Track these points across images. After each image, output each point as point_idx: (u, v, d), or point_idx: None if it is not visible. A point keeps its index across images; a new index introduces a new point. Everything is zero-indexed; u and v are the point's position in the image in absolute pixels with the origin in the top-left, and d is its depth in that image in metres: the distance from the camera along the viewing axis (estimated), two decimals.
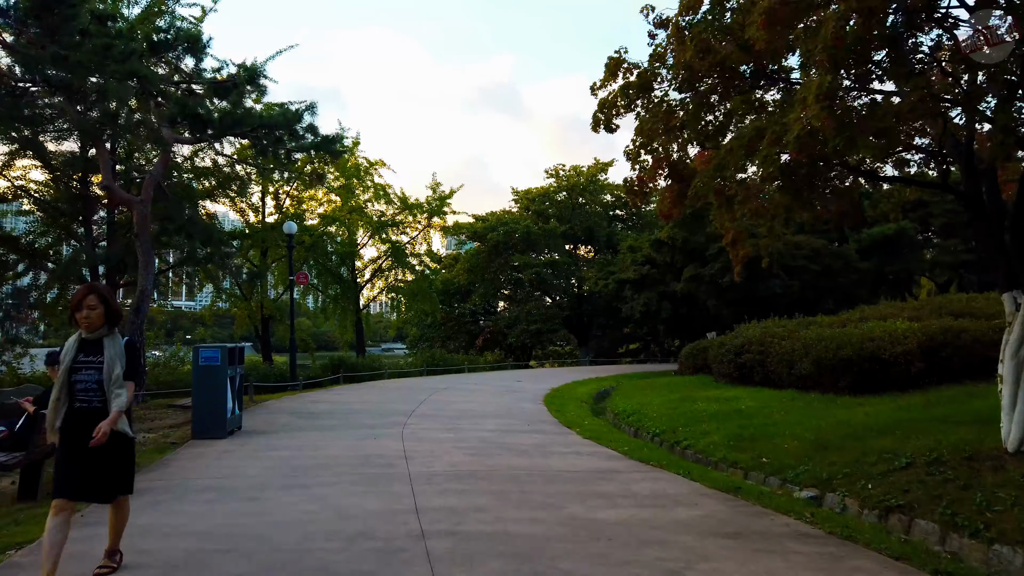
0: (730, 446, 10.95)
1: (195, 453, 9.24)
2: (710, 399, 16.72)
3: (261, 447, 9.79)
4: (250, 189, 26.73)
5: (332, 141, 19.11)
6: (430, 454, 9.30)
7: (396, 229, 33.84)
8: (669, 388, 21.15)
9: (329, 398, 17.68)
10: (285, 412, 14.27)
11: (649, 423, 14.10)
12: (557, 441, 11.08)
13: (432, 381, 25.29)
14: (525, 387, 22.39)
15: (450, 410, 15.09)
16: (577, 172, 47.72)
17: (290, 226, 21.41)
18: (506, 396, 18.93)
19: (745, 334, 21.28)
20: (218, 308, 26.90)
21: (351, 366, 26.45)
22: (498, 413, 14.78)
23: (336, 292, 31.65)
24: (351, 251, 31.87)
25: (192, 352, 10.70)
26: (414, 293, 34.83)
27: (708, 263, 31.11)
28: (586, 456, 9.66)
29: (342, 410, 14.80)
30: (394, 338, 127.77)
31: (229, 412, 10.59)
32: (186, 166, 22.05)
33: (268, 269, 26.63)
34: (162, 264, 22.99)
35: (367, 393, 19.32)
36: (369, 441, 10.39)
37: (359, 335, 33.17)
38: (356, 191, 31.93)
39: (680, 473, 8.67)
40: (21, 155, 20.82)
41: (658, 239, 33.90)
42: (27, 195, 21.54)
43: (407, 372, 30.55)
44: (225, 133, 17.22)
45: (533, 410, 15.83)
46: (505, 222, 43.94)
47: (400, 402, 16.67)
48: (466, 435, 11.29)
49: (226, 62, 18.33)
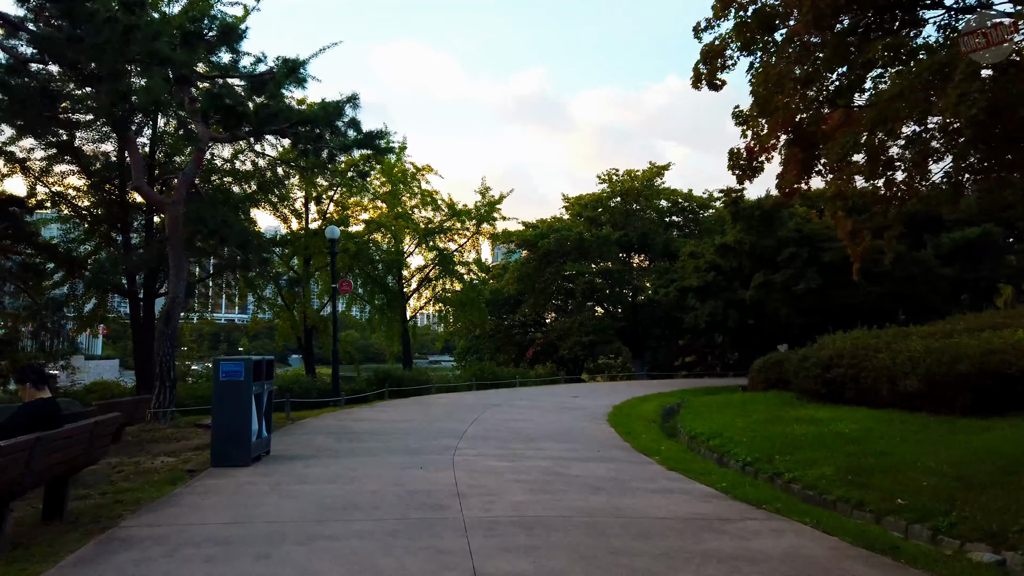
0: (847, 481, 9.05)
1: (209, 486, 7.79)
2: (800, 420, 14.68)
3: (288, 478, 8.29)
4: (293, 194, 25.76)
5: (376, 137, 17.81)
6: (487, 491, 7.65)
7: (443, 236, 32.54)
8: (745, 406, 19.06)
9: (373, 416, 16.23)
10: (322, 432, 12.82)
11: (736, 449, 12.17)
12: (636, 473, 9.30)
13: (482, 396, 23.69)
14: (583, 403, 20.58)
15: (505, 431, 13.43)
16: (631, 176, 45.74)
17: (333, 231, 20.17)
18: (564, 414, 17.18)
19: (832, 346, 19.05)
20: (260, 319, 25.91)
21: (397, 380, 25.07)
22: (559, 435, 13.05)
23: (382, 302, 30.43)
24: (397, 259, 30.65)
25: (212, 366, 9.31)
26: (462, 303, 33.41)
27: (779, 269, 28.77)
28: (678, 495, 7.87)
29: (386, 431, 13.29)
30: (441, 350, 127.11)
31: (254, 435, 9.15)
32: (225, 168, 21.11)
33: (311, 277, 25.52)
34: (201, 272, 22.09)
35: (413, 410, 17.82)
36: (415, 471, 8.80)
37: (406, 347, 31.87)
38: (402, 197, 30.76)
39: (806, 522, 6.84)
40: (59, 160, 20.22)
41: (723, 244, 31.65)
42: (65, 202, 20.89)
43: (455, 386, 29.05)
44: (261, 129, 16.08)
45: (597, 431, 14.05)
46: (557, 229, 42.22)
47: (449, 420, 15.09)
48: (526, 463, 9.60)
49: (263, 55, 17.29)
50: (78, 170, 20.20)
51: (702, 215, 47.92)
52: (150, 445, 11.68)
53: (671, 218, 48.47)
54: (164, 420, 13.83)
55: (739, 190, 29.90)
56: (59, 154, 19.58)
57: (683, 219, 48.56)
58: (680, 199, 47.24)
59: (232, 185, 21.40)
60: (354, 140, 17.57)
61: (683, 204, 47.61)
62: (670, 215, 48.27)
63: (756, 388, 25.60)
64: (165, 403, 14.06)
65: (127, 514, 6.53)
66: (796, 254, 27.67)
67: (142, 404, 12.37)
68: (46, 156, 19.92)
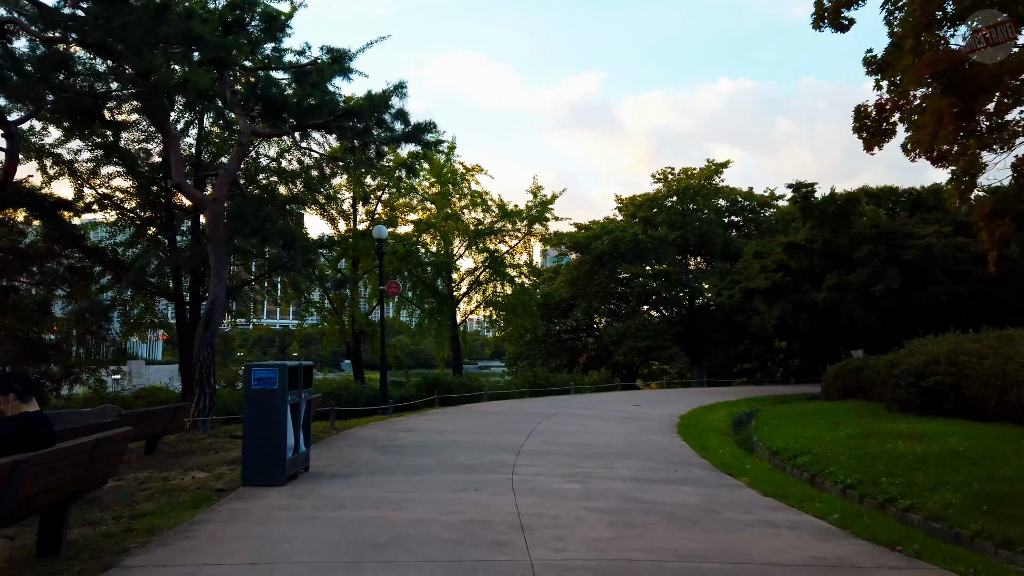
0: (982, 511, 7.58)
1: (235, 512, 6.78)
2: (900, 435, 13.05)
3: (325, 502, 7.23)
4: (340, 195, 25.10)
5: (424, 130, 16.77)
6: (555, 522, 6.43)
7: (494, 238, 31.47)
8: (826, 417, 17.38)
9: (422, 425, 15.18)
10: (368, 445, 11.80)
11: (832, 468, 10.69)
12: (727, 498, 7.94)
13: (536, 404, 22.47)
14: (646, 412, 19.16)
15: (566, 444, 12.17)
16: (688, 175, 43.88)
17: (380, 230, 19.28)
18: (629, 425, 15.81)
19: (925, 351, 17.23)
20: (307, 325, 25.27)
21: (447, 386, 24.07)
22: (628, 450, 11.73)
23: (431, 306, 29.55)
24: (447, 262, 29.72)
25: (243, 373, 8.35)
26: (513, 307, 32.28)
27: (855, 268, 26.69)
28: (785, 531, 6.50)
29: (436, 443, 12.19)
30: (491, 356, 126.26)
31: (290, 450, 8.14)
32: (271, 167, 20.51)
33: (360, 280, 24.77)
34: (247, 275, 21.53)
35: (465, 419, 16.72)
36: (469, 495, 7.64)
37: (456, 352, 30.91)
38: (452, 198, 29.85)
39: (959, 570, 5.42)
40: (106, 162, 19.92)
41: (792, 242, 29.60)
42: (112, 204, 20.59)
43: (507, 393, 27.89)
44: (303, 121, 15.24)
45: (669, 445, 12.66)
46: (610, 230, 40.68)
47: (504, 432, 13.92)
48: (597, 485, 8.34)
49: (307, 46, 16.50)
50: (124, 171, 19.86)
51: (763, 214, 45.67)
52: (185, 457, 10.85)
53: (730, 218, 46.35)
54: (203, 429, 13.05)
55: (810, 185, 28.00)
56: (106, 155, 19.27)
57: (742, 219, 46.36)
58: (740, 198, 45.10)
59: (278, 185, 20.78)
60: (402, 133, 16.59)
61: (743, 203, 45.44)
62: (728, 215, 46.16)
63: (831, 397, 23.73)
64: (205, 411, 13.29)
65: (135, 548, 5.54)
66: (874, 252, 25.58)
67: (180, 412, 11.58)
68: (92, 158, 19.67)
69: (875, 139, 6.36)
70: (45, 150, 19.50)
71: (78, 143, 19.40)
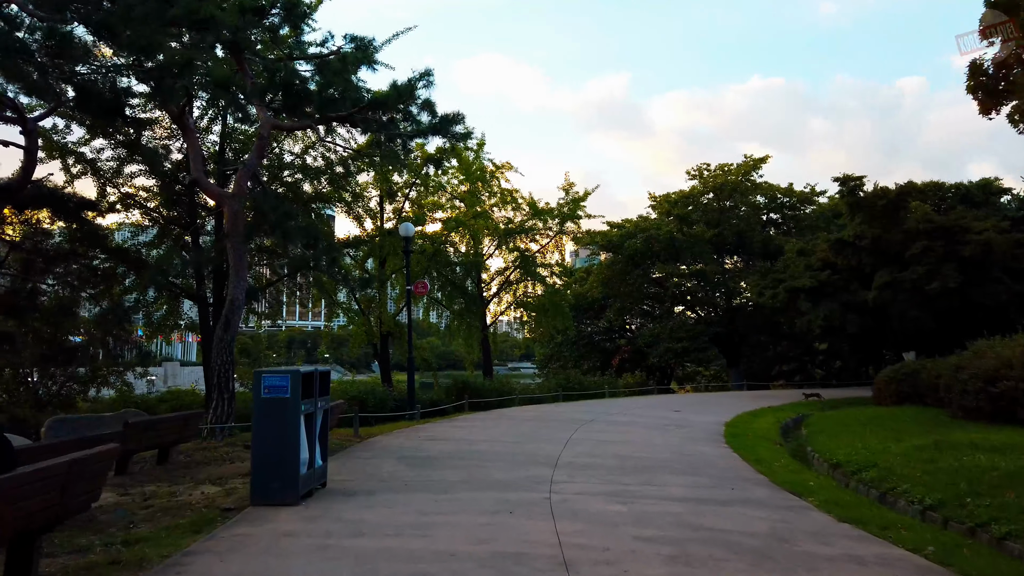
0: None
1: (237, 539, 5.97)
2: (977, 447, 11.84)
3: (341, 526, 6.40)
4: (367, 192, 24.43)
5: (452, 121, 15.92)
6: (604, 556, 5.50)
7: (524, 237, 30.55)
8: (885, 425, 16.15)
9: (450, 433, 14.34)
10: (392, 456, 10.97)
11: (905, 485, 9.57)
12: (797, 524, 6.92)
13: (570, 409, 21.50)
14: (688, 419, 18.06)
15: (607, 455, 11.21)
16: (725, 171, 42.41)
17: (407, 228, 18.51)
18: (672, 433, 14.77)
19: (994, 354, 15.88)
20: (337, 327, 24.60)
21: (477, 390, 23.22)
22: (676, 463, 10.72)
23: (461, 307, 28.73)
24: (476, 261, 28.89)
25: (253, 380, 7.57)
26: (544, 308, 31.32)
27: (908, 266, 25.15)
28: (876, 568, 5.50)
29: (465, 454, 11.32)
30: (520, 357, 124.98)
31: (304, 465, 7.33)
32: (296, 163, 19.89)
33: (387, 280, 24.05)
34: (273, 275, 20.93)
35: (496, 426, 15.84)
36: (502, 518, 6.75)
37: (486, 355, 30.07)
38: (481, 195, 29.01)
39: None
40: (129, 161, 19.50)
41: (840, 239, 28.02)
42: (136, 204, 20.17)
43: (539, 397, 26.96)
44: (326, 113, 14.55)
45: (720, 457, 11.61)
46: (644, 229, 39.45)
47: (538, 440, 13.00)
48: (648, 508, 7.38)
49: (330, 35, 15.82)
50: (146, 170, 19.41)
51: (803, 211, 43.94)
52: (199, 468, 10.15)
53: (768, 215, 44.73)
54: (221, 437, 12.37)
55: (858, 178, 26.52)
56: (128, 154, 18.83)
57: (781, 216, 44.69)
58: (779, 194, 43.45)
59: (303, 182, 20.15)
60: (429, 125, 15.78)
61: (782, 200, 43.78)
62: (767, 212, 44.55)
63: (884, 402, 22.35)
64: (222, 417, 12.62)
65: None
66: (929, 248, 24.00)
67: (192, 420, 10.89)
68: (115, 156, 19.27)
69: (992, 101, 5.32)
70: (68, 148, 19.16)
71: (101, 142, 19.04)
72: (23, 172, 14.75)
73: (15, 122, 14.22)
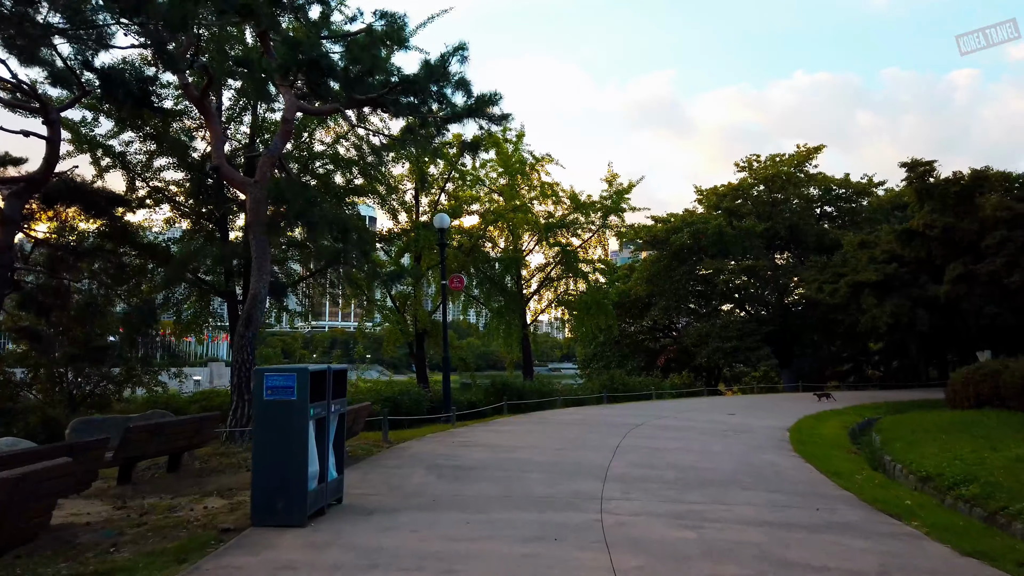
0: None
1: (225, 571, 4.93)
2: None
3: (352, 556, 5.32)
4: (402, 185, 23.52)
5: (488, 101, 14.78)
6: None
7: (566, 231, 29.29)
8: (971, 431, 14.48)
9: (487, 439, 13.21)
10: (422, 464, 9.89)
11: (1018, 504, 8.07)
12: (911, 560, 5.58)
13: (616, 412, 20.19)
14: (747, 424, 16.60)
15: (665, 466, 9.93)
16: (776, 162, 40.34)
17: (442, 219, 17.48)
18: (731, 439, 13.38)
19: None
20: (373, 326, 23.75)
21: (516, 391, 22.06)
22: (744, 475, 9.39)
23: (500, 305, 27.61)
24: (515, 256, 27.76)
25: (253, 378, 6.55)
26: (587, 306, 29.98)
27: (984, 257, 23.07)
28: None
29: (503, 463, 10.17)
30: (561, 358, 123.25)
31: (314, 479, 6.29)
32: (328, 153, 19.04)
33: (422, 276, 23.07)
34: (306, 270, 20.11)
35: (537, 431, 14.67)
36: (546, 548, 5.58)
37: (526, 355, 28.88)
38: (520, 188, 27.87)
39: None
40: (158, 154, 18.96)
41: (907, 229, 25.89)
42: (166, 198, 19.61)
43: (582, 399, 25.66)
44: (352, 92, 13.57)
45: (792, 468, 10.22)
46: (691, 223, 37.71)
47: (584, 447, 11.78)
48: (720, 534, 6.12)
49: (359, 12, 14.90)
50: (175, 163, 18.82)
51: (860, 204, 41.54)
52: (209, 477, 9.24)
53: (822, 208, 42.45)
54: (241, 441, 11.47)
55: (928, 163, 24.46)
56: (157, 146, 18.25)
57: (836, 209, 42.34)
58: (834, 186, 41.15)
59: (335, 174, 19.30)
60: (464, 107, 14.68)
61: (837, 192, 41.46)
62: (821, 204, 42.27)
63: (960, 405, 20.45)
64: (243, 420, 11.72)
65: None
66: (1008, 238, 21.91)
67: (207, 424, 10.01)
68: (145, 151, 18.75)
69: None
70: (96, 142, 18.70)
71: (130, 134, 18.55)
72: (46, 164, 14.19)
73: (38, 112, 13.67)
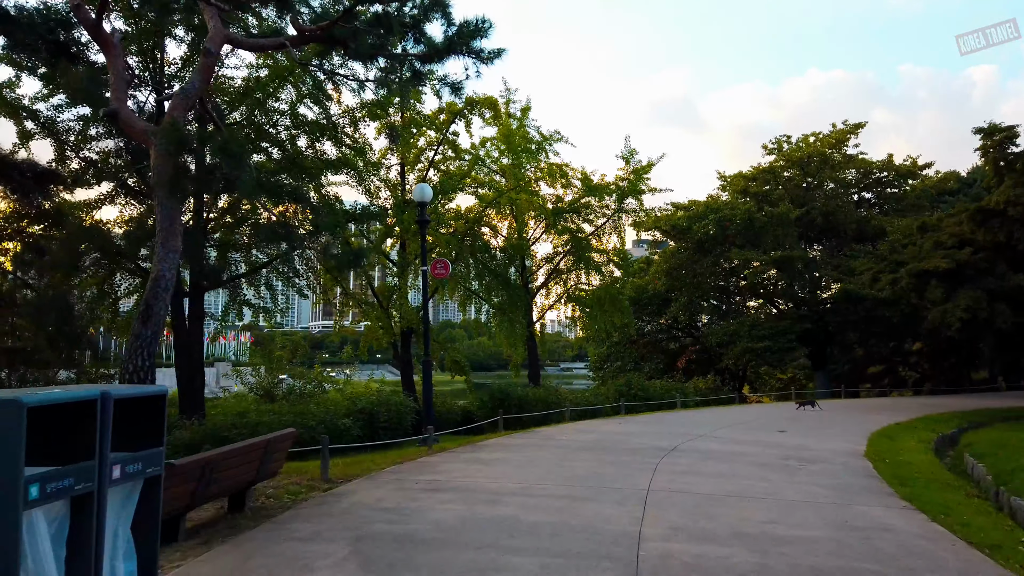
0: None
1: None
2: None
3: None
4: (385, 160, 20.21)
5: (473, 32, 11.37)
6: None
7: (577, 216, 25.87)
8: None
9: (466, 475, 9.83)
10: (348, 535, 6.44)
11: None
12: None
13: (639, 427, 16.74)
14: (807, 446, 13.09)
15: (727, 536, 6.44)
16: (810, 142, 36.56)
17: (423, 190, 14.12)
18: (802, 476, 9.85)
19: None
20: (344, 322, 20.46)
21: (517, 402, 18.65)
22: (854, 556, 5.84)
23: (502, 300, 24.23)
24: (520, 244, 24.38)
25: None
26: (600, 301, 26.53)
27: None
28: None
29: (476, 528, 6.75)
30: (572, 358, 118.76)
31: None
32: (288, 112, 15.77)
33: (409, 265, 19.73)
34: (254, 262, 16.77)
35: (537, 460, 11.25)
36: None
37: (532, 356, 25.48)
38: (525, 169, 24.46)
39: None
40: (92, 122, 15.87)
41: (983, 208, 21.95)
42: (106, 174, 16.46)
43: (596, 408, 22.20)
44: (292, 11, 10.30)
45: (919, 537, 6.68)
46: (716, 209, 34.09)
47: (600, 492, 8.36)
48: None
49: None
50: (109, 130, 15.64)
51: (904, 188, 37.70)
52: None
53: (860, 193, 38.61)
54: None
55: (1009, 128, 20.65)
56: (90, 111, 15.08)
57: (876, 195, 38.48)
58: (875, 169, 37.30)
59: (298, 138, 16.02)
60: (444, 41, 11.25)
61: (878, 175, 37.61)
62: (858, 190, 38.43)
63: None
64: None
65: None
66: None
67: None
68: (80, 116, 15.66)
69: None
70: (22, 105, 15.65)
71: (61, 97, 15.48)
72: None
73: None
